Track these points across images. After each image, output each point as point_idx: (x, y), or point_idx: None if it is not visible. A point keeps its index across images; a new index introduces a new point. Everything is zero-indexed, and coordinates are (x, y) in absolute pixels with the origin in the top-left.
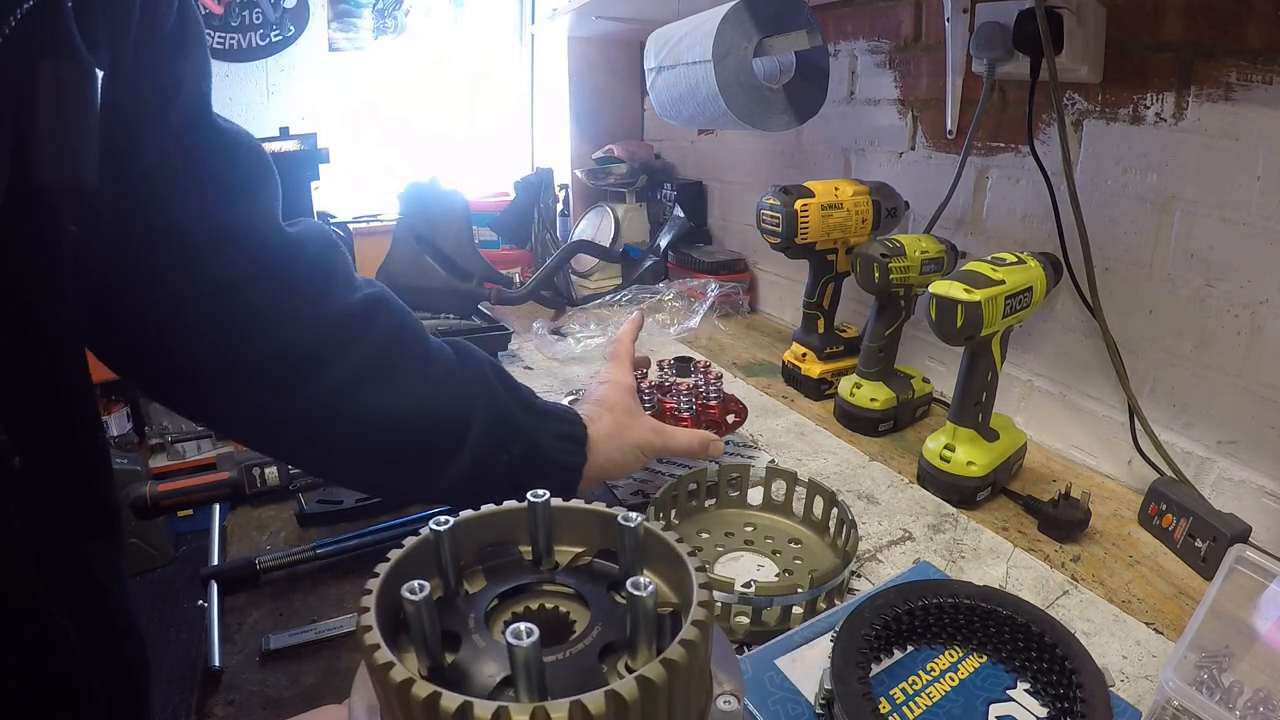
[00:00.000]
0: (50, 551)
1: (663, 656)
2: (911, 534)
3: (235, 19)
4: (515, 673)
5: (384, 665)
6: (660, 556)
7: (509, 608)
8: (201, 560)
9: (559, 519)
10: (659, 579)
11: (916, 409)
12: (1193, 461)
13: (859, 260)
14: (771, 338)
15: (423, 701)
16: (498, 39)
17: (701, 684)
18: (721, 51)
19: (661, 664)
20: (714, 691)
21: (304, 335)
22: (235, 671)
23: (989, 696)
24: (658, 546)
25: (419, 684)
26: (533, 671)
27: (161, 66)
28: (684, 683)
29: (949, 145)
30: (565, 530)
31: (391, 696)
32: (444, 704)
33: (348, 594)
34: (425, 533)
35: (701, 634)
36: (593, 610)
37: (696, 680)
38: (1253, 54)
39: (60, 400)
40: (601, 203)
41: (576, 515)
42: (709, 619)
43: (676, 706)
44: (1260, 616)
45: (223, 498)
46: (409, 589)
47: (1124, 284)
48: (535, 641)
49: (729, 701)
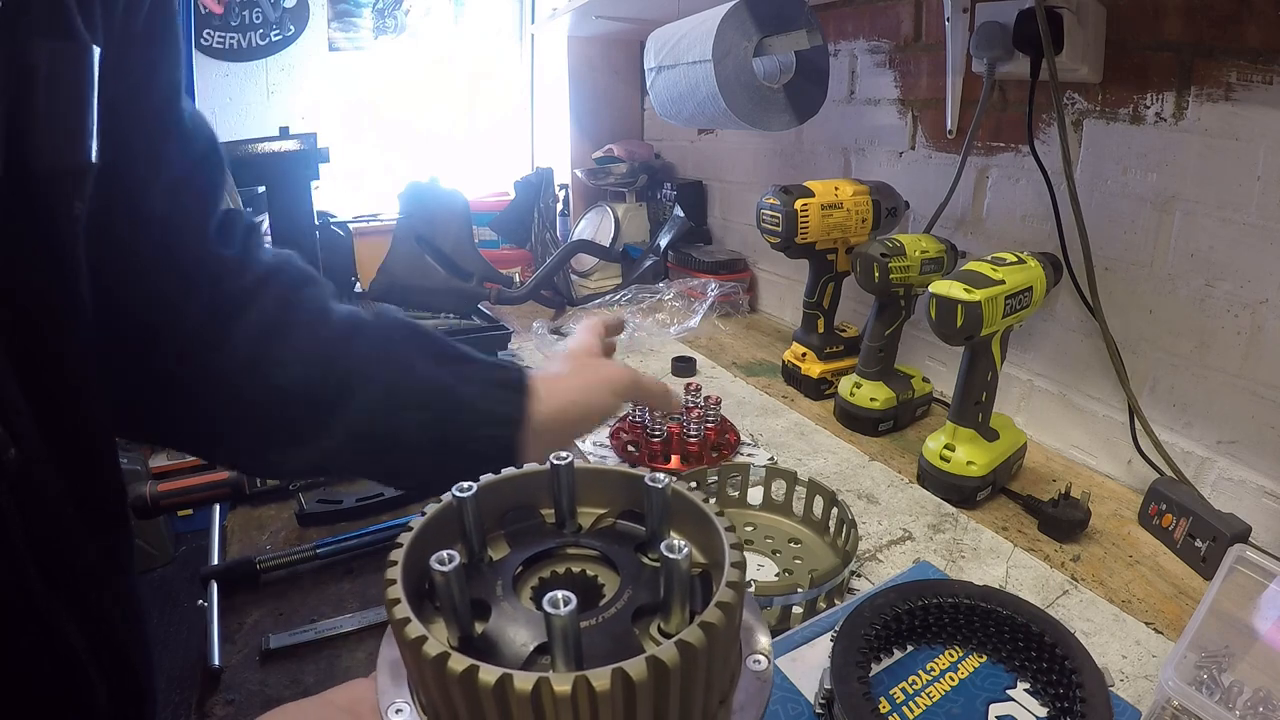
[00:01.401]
0: (49, 548)
1: (700, 620)
2: (911, 534)
3: (235, 19)
4: (553, 642)
5: (416, 640)
6: (687, 517)
7: (535, 573)
8: (201, 560)
9: (582, 481)
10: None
11: (916, 409)
12: (1193, 461)
13: (859, 260)
14: (771, 337)
15: (459, 676)
16: (498, 39)
17: (735, 645)
18: (721, 51)
19: (700, 628)
20: (744, 653)
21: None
22: (235, 671)
23: (989, 696)
24: (685, 507)
25: (455, 657)
26: (570, 641)
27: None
28: (721, 645)
29: (949, 145)
30: (588, 492)
31: (425, 671)
32: (482, 678)
33: (348, 594)
34: (448, 499)
35: (736, 595)
36: (621, 573)
37: (731, 642)
38: (1253, 54)
39: (61, 391)
40: (601, 202)
41: (600, 476)
42: (742, 580)
43: (715, 669)
44: (1260, 616)
45: (223, 497)
46: (438, 559)
47: (1124, 284)
48: (573, 610)
49: (759, 661)
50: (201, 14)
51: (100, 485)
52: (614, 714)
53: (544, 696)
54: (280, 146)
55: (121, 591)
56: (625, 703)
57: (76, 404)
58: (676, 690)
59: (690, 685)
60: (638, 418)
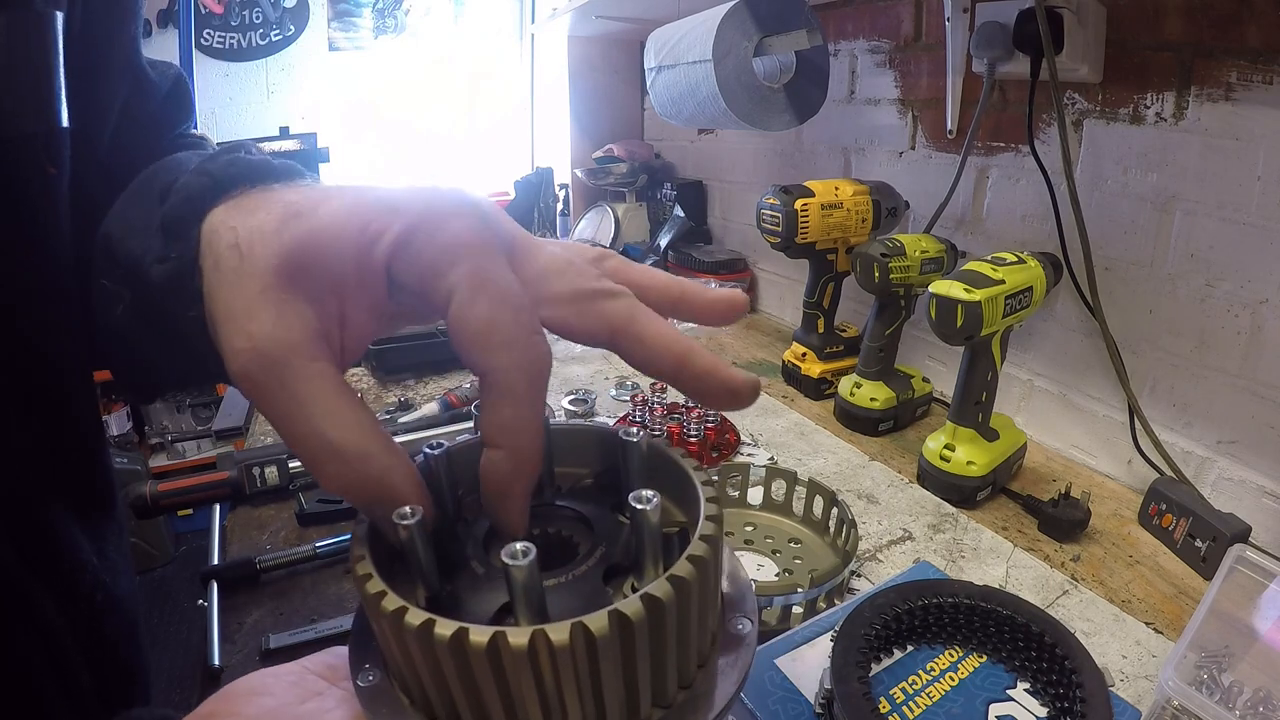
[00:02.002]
0: (25, 526)
1: (670, 573)
2: (911, 534)
3: (235, 18)
4: (513, 595)
5: (375, 594)
6: (666, 475)
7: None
8: (201, 560)
9: (559, 440)
10: (666, 500)
11: (916, 408)
12: (1193, 461)
13: (859, 260)
14: (771, 337)
15: (416, 629)
16: (498, 39)
17: (712, 605)
18: (722, 51)
19: (668, 580)
20: (726, 615)
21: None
22: (235, 671)
23: (989, 696)
24: (663, 464)
25: (412, 611)
26: (532, 594)
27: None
28: (693, 602)
29: (949, 145)
30: (566, 452)
31: (385, 626)
32: (438, 631)
33: (348, 593)
34: (419, 459)
35: (711, 549)
36: (596, 532)
37: (708, 600)
38: (1253, 54)
39: (40, 367)
40: (601, 202)
41: (576, 434)
42: (718, 534)
43: (686, 627)
44: (1260, 616)
45: (223, 497)
46: (399, 514)
47: (1124, 284)
48: (533, 561)
49: (743, 624)
50: (201, 14)
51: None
52: (576, 671)
53: (501, 651)
54: (280, 146)
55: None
56: (588, 659)
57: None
58: (644, 649)
59: (660, 644)
60: (638, 417)
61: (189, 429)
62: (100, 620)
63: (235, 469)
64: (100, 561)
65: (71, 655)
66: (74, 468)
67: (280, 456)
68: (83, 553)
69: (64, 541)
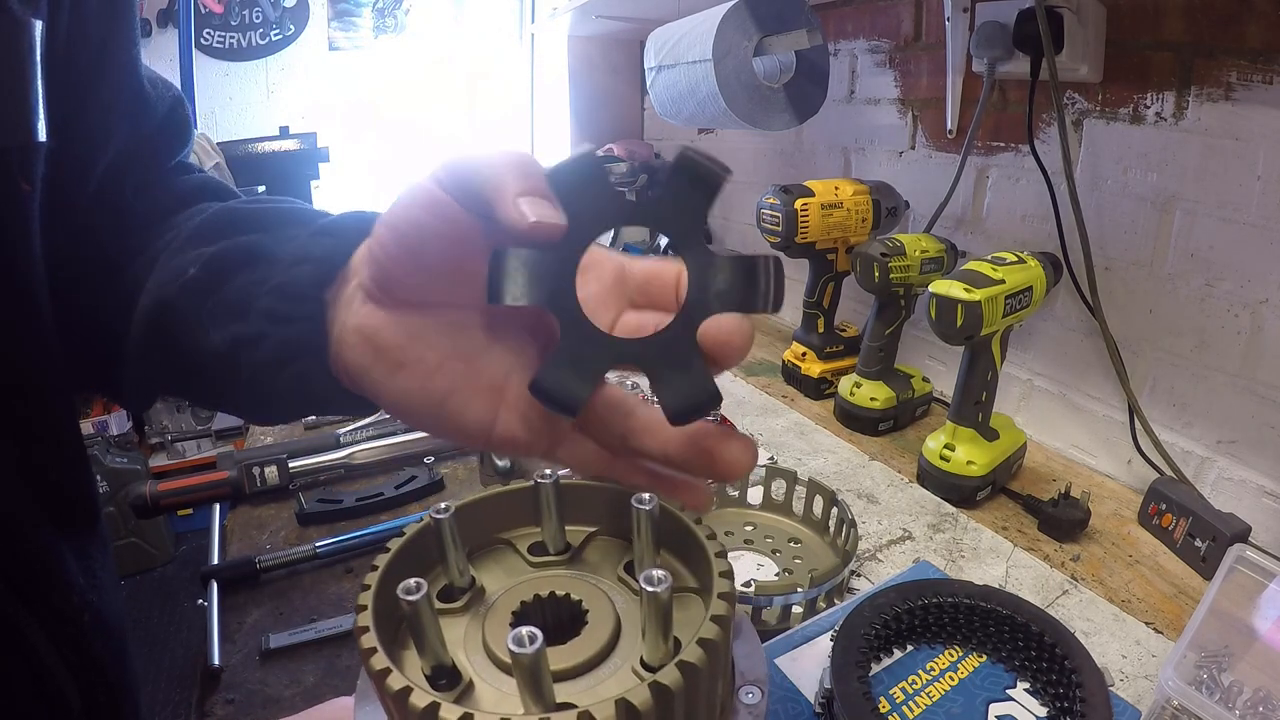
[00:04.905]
0: (10, 547)
1: (679, 659)
2: (911, 533)
3: (235, 18)
4: (519, 681)
5: (381, 671)
6: (677, 538)
7: (518, 595)
8: (201, 559)
9: (569, 499)
10: (677, 561)
11: (916, 408)
12: (1193, 461)
13: (859, 260)
14: (771, 337)
15: (421, 712)
16: (498, 39)
17: (722, 678)
18: (722, 51)
19: (678, 668)
20: (736, 683)
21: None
22: (235, 670)
23: (989, 696)
24: (674, 528)
25: (416, 693)
26: (539, 678)
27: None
28: (703, 682)
29: (949, 145)
30: (576, 510)
31: (389, 702)
32: (443, 715)
33: (348, 593)
34: (426, 520)
35: (721, 630)
36: (606, 596)
37: (717, 677)
38: (1253, 54)
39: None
40: None
41: (586, 494)
42: (730, 613)
43: (697, 707)
44: (1260, 616)
45: (223, 497)
46: (404, 589)
47: (1124, 284)
48: (540, 647)
49: (752, 693)
50: (201, 14)
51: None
52: None
53: None
54: (280, 146)
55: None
56: None
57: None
58: None
59: None
60: None
61: (189, 429)
62: (88, 641)
63: (235, 469)
64: (87, 580)
65: (60, 677)
66: (56, 486)
67: (280, 456)
68: (69, 573)
69: (50, 562)
